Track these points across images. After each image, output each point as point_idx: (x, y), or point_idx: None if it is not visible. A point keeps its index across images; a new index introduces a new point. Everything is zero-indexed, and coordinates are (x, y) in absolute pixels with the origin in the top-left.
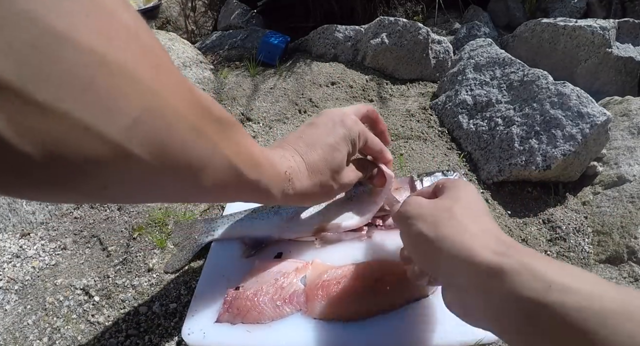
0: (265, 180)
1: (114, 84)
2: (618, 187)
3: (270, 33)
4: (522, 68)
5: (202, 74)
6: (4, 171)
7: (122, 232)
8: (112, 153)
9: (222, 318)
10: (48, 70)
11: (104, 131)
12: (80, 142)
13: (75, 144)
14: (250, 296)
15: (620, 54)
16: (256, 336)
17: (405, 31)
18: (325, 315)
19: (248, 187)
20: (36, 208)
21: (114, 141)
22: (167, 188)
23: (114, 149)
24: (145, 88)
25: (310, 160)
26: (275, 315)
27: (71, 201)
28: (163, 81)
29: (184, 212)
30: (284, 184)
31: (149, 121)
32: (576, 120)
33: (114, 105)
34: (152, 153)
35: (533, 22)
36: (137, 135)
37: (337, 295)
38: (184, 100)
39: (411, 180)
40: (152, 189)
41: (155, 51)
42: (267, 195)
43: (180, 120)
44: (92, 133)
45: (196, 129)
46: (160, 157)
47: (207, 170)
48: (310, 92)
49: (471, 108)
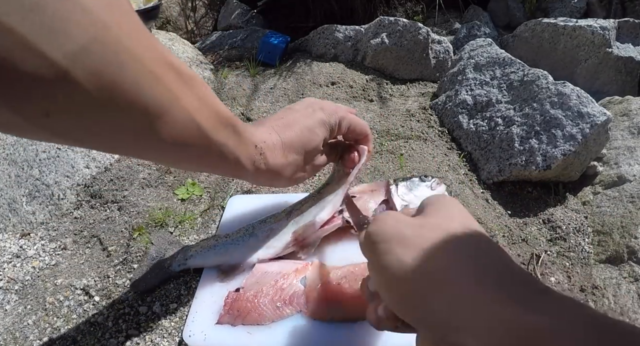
0: (232, 146)
1: (62, 7)
2: (618, 187)
3: (270, 33)
4: (522, 68)
5: (202, 74)
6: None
7: (122, 232)
8: (54, 75)
9: (222, 320)
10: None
11: (47, 51)
12: (23, 59)
13: (19, 60)
14: (251, 298)
15: (620, 54)
16: (257, 338)
17: (405, 31)
18: (326, 317)
19: (213, 151)
20: (36, 208)
21: (57, 63)
22: (118, 132)
23: (57, 71)
24: (95, 18)
25: (286, 139)
26: (276, 316)
27: (14, 130)
28: (116, 19)
29: (184, 212)
30: (255, 156)
31: (97, 52)
32: (576, 120)
33: (61, 27)
34: (98, 85)
35: (533, 22)
36: (82, 62)
37: (337, 296)
38: (141, 44)
39: (387, 184)
40: (100, 129)
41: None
42: (235, 165)
43: (134, 60)
44: (36, 51)
45: (153, 74)
46: (108, 91)
47: (165, 119)
48: (310, 92)
49: (471, 108)
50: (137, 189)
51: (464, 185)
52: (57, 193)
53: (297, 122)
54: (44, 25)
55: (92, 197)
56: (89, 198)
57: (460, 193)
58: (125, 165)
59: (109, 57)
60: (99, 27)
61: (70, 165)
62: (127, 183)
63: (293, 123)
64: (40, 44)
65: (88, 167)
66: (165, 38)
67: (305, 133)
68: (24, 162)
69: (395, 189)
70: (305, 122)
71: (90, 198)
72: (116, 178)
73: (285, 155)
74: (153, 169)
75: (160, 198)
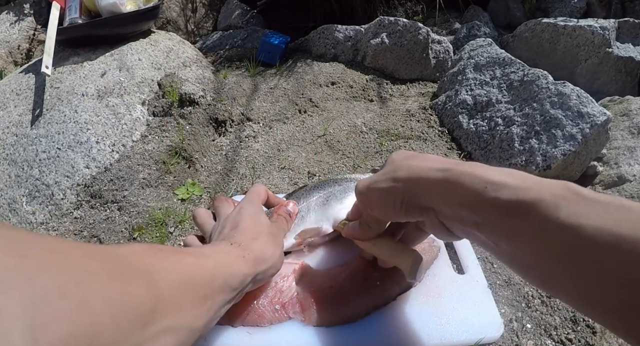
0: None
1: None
2: (618, 187)
3: (270, 33)
4: (522, 68)
5: (202, 74)
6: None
7: (122, 232)
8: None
9: (222, 320)
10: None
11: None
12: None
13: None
14: (250, 299)
15: (620, 54)
16: (257, 339)
17: (405, 31)
18: (323, 322)
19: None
20: (36, 209)
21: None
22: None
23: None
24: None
25: (256, 251)
26: (274, 318)
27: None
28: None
29: (184, 212)
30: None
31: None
32: (576, 120)
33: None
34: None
35: (533, 22)
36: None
37: (330, 301)
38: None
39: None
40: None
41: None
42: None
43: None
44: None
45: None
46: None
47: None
48: (310, 92)
49: (471, 108)
50: (137, 189)
51: None
52: (57, 193)
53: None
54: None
55: (92, 197)
56: (89, 198)
57: None
58: (125, 165)
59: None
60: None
61: (70, 165)
62: (127, 183)
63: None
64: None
65: (88, 167)
66: (165, 38)
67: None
68: (24, 162)
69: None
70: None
71: (90, 198)
72: (116, 178)
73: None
74: (153, 169)
75: (160, 198)
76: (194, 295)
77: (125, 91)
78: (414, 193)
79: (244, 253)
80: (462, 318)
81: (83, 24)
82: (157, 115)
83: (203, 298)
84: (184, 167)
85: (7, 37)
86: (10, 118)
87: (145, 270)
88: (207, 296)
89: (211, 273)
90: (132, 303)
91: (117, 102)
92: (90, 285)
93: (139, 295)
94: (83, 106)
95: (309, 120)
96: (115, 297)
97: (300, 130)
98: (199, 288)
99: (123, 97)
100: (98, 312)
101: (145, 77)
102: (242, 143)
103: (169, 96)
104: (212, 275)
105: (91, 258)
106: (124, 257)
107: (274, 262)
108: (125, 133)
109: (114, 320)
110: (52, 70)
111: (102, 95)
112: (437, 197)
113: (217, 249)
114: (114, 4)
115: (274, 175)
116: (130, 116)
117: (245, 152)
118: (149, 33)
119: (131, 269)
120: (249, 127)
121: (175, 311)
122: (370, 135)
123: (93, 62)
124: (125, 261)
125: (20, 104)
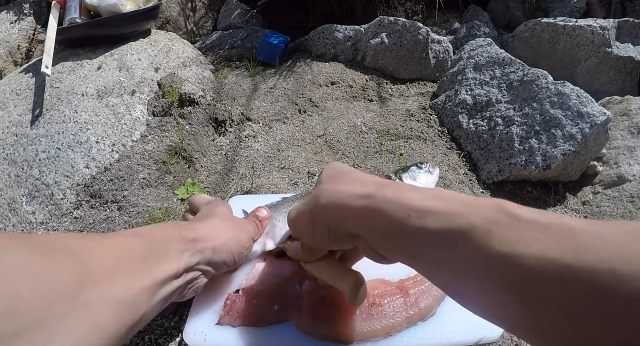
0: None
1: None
2: (618, 187)
3: (270, 33)
4: (522, 68)
5: (202, 74)
6: None
7: None
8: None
9: (222, 321)
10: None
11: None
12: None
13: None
14: (250, 300)
15: (620, 54)
16: (257, 339)
17: (405, 31)
18: (317, 335)
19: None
20: (36, 209)
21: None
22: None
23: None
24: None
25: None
26: (275, 319)
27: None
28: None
29: (184, 212)
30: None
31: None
32: (576, 120)
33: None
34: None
35: (533, 22)
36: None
37: (329, 315)
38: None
39: (388, 178)
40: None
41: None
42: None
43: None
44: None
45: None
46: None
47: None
48: (310, 92)
49: (471, 108)
50: (137, 189)
51: (464, 185)
52: (57, 194)
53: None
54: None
55: (92, 197)
56: (89, 198)
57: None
58: (125, 165)
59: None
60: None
61: (70, 165)
62: (127, 183)
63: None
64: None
65: (88, 167)
66: (165, 38)
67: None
68: (24, 162)
69: (401, 182)
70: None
71: (90, 198)
72: (116, 179)
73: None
74: (153, 169)
75: (160, 199)
76: (127, 269)
77: (125, 91)
78: (338, 223)
79: (182, 230)
80: (462, 318)
81: (83, 24)
82: (157, 115)
83: (138, 273)
84: (184, 167)
85: (7, 37)
86: (10, 119)
87: (70, 249)
88: (143, 272)
89: (142, 250)
90: (55, 276)
91: (117, 102)
92: (9, 259)
93: (62, 268)
94: (83, 106)
95: (309, 120)
96: (36, 271)
97: (300, 130)
98: (132, 264)
99: (123, 97)
100: (17, 283)
101: (145, 77)
102: (242, 143)
103: (169, 96)
104: (143, 253)
105: (15, 240)
106: (49, 240)
107: (222, 245)
108: (125, 134)
109: (34, 291)
110: (52, 70)
111: (102, 95)
112: (361, 227)
113: (155, 228)
114: (114, 4)
115: (274, 175)
116: (130, 116)
117: (245, 152)
118: (149, 33)
119: (55, 248)
120: (249, 127)
121: (107, 284)
122: (370, 135)
123: (93, 62)
124: (50, 242)
125: (20, 104)
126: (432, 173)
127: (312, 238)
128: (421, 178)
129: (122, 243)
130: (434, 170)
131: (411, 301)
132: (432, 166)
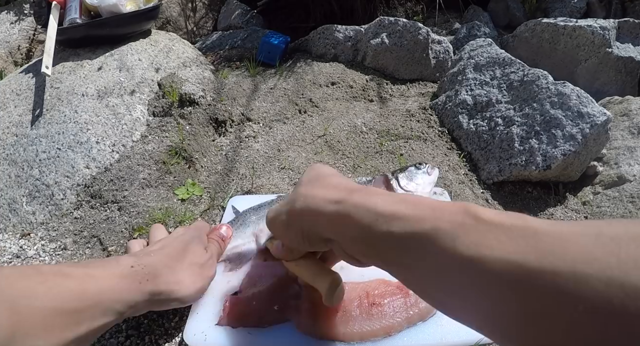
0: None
1: None
2: (618, 187)
3: (270, 33)
4: (522, 68)
5: (202, 74)
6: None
7: (122, 232)
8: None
9: (222, 322)
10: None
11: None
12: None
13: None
14: (249, 301)
15: (620, 54)
16: (257, 339)
17: (405, 31)
18: (316, 335)
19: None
20: (36, 209)
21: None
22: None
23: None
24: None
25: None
26: (274, 320)
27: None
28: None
29: (184, 212)
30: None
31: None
32: (576, 120)
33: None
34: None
35: (533, 22)
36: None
37: (329, 315)
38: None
39: (386, 178)
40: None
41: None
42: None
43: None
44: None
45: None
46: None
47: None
48: (310, 92)
49: (471, 108)
50: (137, 189)
51: (464, 185)
52: (57, 194)
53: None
54: None
55: (92, 197)
56: (89, 198)
57: (460, 194)
58: (125, 165)
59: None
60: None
61: (70, 165)
62: (127, 183)
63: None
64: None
65: (88, 167)
66: (165, 38)
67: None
68: (24, 162)
69: (397, 182)
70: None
71: (90, 198)
72: (116, 179)
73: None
74: (153, 169)
75: (160, 199)
76: (67, 319)
77: (125, 91)
78: (311, 228)
79: (141, 279)
80: None
81: (83, 24)
82: (157, 115)
83: (76, 323)
84: (184, 167)
85: (7, 37)
86: (10, 119)
87: (10, 295)
88: (84, 320)
89: (94, 299)
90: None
91: (117, 102)
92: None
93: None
94: (83, 106)
95: (309, 120)
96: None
97: (300, 130)
98: (74, 314)
99: (123, 97)
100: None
101: (145, 77)
102: (242, 143)
103: (169, 96)
104: (94, 302)
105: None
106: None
107: (185, 293)
108: (125, 134)
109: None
110: (52, 70)
111: (102, 95)
112: (333, 232)
113: (111, 271)
114: (114, 5)
115: (274, 175)
116: (130, 116)
117: (245, 152)
118: (149, 33)
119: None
120: (249, 127)
121: (41, 335)
122: (370, 135)
123: (93, 62)
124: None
125: (20, 104)
126: (430, 174)
127: (288, 240)
128: (418, 178)
129: (68, 289)
130: (432, 171)
131: (411, 301)
132: (430, 167)
